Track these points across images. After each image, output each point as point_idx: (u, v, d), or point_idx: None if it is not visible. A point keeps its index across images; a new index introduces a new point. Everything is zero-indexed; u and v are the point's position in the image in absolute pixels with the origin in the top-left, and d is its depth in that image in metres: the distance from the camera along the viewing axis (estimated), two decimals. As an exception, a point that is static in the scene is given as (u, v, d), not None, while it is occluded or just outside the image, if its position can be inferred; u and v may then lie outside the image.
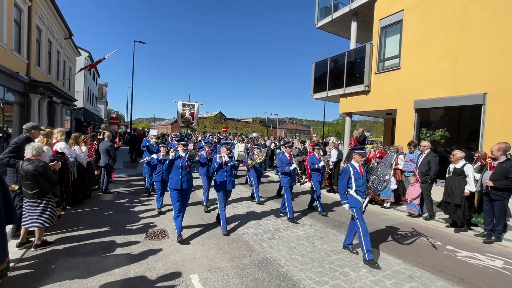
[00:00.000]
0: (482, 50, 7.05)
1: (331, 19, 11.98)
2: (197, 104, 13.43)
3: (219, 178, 4.98)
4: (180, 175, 4.54)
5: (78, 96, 21.46)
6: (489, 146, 5.60)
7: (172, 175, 4.57)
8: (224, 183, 4.99)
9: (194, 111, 13.32)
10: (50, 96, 12.31)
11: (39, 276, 3.28)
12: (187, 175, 4.66)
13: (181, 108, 13.00)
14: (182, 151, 4.70)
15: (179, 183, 4.53)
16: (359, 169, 4.25)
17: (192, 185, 4.84)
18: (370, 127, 44.94)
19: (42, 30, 12.18)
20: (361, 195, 4.17)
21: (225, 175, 4.97)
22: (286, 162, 6.01)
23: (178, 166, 4.57)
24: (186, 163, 4.64)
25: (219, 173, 4.98)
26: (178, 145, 4.77)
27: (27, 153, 3.80)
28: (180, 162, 4.61)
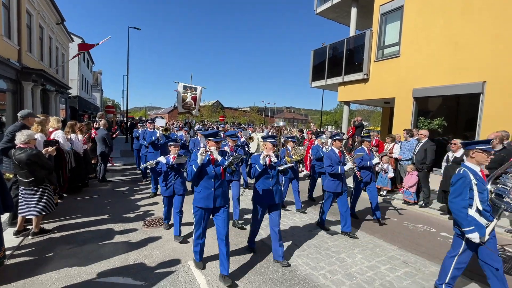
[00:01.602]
0: (482, 38, 6.95)
1: (331, 5, 11.70)
2: (199, 88, 11.68)
3: (261, 186, 3.64)
4: (212, 187, 3.17)
5: (72, 84, 21.05)
6: (486, 135, 5.62)
7: (199, 188, 3.21)
8: (269, 193, 3.61)
9: (196, 95, 11.51)
10: (43, 84, 12.06)
11: (37, 264, 3.29)
12: (222, 187, 3.26)
13: (182, 90, 11.23)
14: (216, 151, 3.16)
15: (211, 199, 3.17)
16: (482, 175, 2.83)
17: (228, 200, 3.36)
18: (367, 116, 44.96)
19: (32, 14, 11.78)
20: (487, 216, 2.67)
21: (271, 182, 3.63)
22: (337, 161, 4.56)
23: (210, 175, 3.18)
24: (221, 170, 3.25)
25: (262, 179, 3.66)
26: (208, 142, 3.25)
27: (18, 141, 3.70)
28: (213, 169, 3.20)
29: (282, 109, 79.90)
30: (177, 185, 4.29)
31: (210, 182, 3.18)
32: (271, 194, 3.63)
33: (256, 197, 3.68)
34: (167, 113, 65.54)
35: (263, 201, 3.63)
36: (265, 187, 3.63)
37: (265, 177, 3.64)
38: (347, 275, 3.36)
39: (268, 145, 3.64)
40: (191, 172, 3.10)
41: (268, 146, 3.64)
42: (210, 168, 3.18)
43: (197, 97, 11.62)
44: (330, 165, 4.55)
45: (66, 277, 3.06)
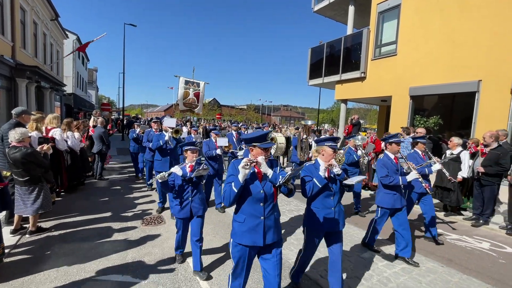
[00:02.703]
0: (478, 37, 7.02)
1: (329, 3, 11.68)
2: (202, 83, 10.58)
3: (319, 207, 2.76)
4: (261, 214, 2.23)
5: (67, 81, 20.79)
6: (481, 133, 5.70)
7: (241, 216, 2.27)
8: (330, 216, 2.75)
9: (199, 91, 10.40)
10: (38, 81, 11.90)
11: (35, 262, 3.27)
12: (274, 213, 2.32)
13: (183, 86, 10.10)
14: (264, 162, 2.20)
15: (260, 232, 2.22)
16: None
17: (280, 234, 2.40)
18: (364, 114, 45.19)
19: (26, 10, 11.58)
20: None
21: (332, 201, 2.78)
22: (394, 169, 3.68)
23: (257, 196, 2.22)
24: (273, 189, 2.29)
25: (321, 198, 2.77)
26: (250, 149, 2.30)
27: (11, 139, 3.62)
28: (261, 188, 2.23)
29: (279, 107, 79.91)
30: (196, 203, 3.20)
31: (258, 207, 2.21)
32: (333, 217, 2.75)
33: (310, 222, 2.80)
34: (163, 111, 65.18)
35: (321, 227, 2.75)
36: (325, 208, 2.76)
37: (325, 195, 2.76)
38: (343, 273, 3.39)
39: (327, 151, 2.74)
40: (230, 194, 2.14)
41: (327, 151, 2.75)
42: (256, 186, 2.22)
43: (200, 94, 10.48)
44: (387, 175, 3.63)
45: (65, 275, 3.05)
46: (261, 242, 2.22)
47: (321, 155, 2.81)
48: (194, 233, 3.24)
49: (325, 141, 2.84)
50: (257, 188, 2.23)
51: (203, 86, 10.68)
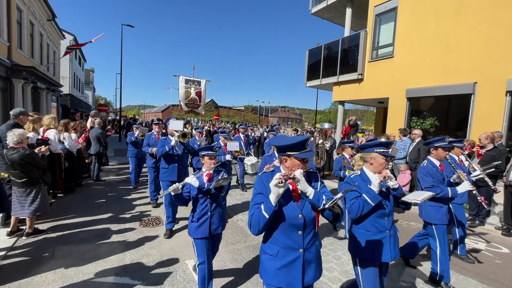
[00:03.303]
0: (473, 39, 7.11)
1: (326, 5, 11.77)
2: (204, 81, 9.86)
3: (370, 230, 2.25)
4: (299, 246, 1.74)
5: (64, 82, 20.67)
6: (477, 135, 5.76)
7: (273, 248, 1.77)
8: (383, 242, 2.22)
9: (201, 90, 9.74)
10: (34, 81, 11.83)
11: (32, 264, 3.25)
12: (315, 243, 1.82)
13: (184, 85, 9.39)
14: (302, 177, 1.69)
15: (299, 270, 1.73)
16: None
17: (321, 269, 1.91)
18: (361, 115, 45.47)
19: (22, 10, 11.51)
20: None
21: (387, 223, 2.25)
22: (440, 178, 3.16)
23: (294, 223, 1.72)
24: (314, 213, 1.78)
25: (372, 219, 2.24)
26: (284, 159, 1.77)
27: (9, 140, 3.61)
28: (299, 211, 1.74)
29: (277, 108, 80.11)
30: (216, 219, 2.74)
31: (295, 236, 1.70)
32: (388, 243, 2.19)
33: (363, 251, 2.23)
34: (160, 112, 64.98)
35: (374, 257, 2.19)
36: (378, 232, 2.21)
37: (378, 215, 2.21)
38: (343, 273, 3.41)
39: (378, 159, 2.22)
40: (260, 221, 1.62)
41: (377, 160, 2.23)
42: (293, 209, 1.71)
43: (202, 92, 9.79)
44: (433, 185, 3.04)
45: (62, 277, 3.03)
46: (299, 284, 1.70)
47: (369, 164, 2.30)
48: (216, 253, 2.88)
49: (375, 147, 2.26)
50: (294, 211, 1.71)
51: (204, 84, 9.92)
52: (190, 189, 2.72)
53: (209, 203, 2.73)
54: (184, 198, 2.72)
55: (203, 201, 2.73)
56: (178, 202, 2.74)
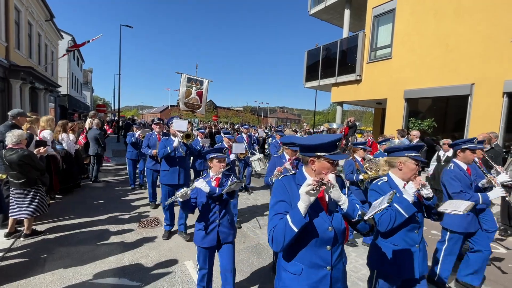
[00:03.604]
0: (471, 41, 7.16)
1: (325, 6, 11.82)
2: (206, 81, 9.49)
3: (399, 244, 2.02)
4: (327, 263, 1.49)
5: (62, 82, 20.60)
6: (474, 135, 5.80)
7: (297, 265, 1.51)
8: (411, 257, 2.01)
9: (202, 90, 9.39)
10: (32, 82, 11.79)
11: (30, 266, 3.24)
12: (342, 260, 1.60)
13: (186, 84, 9.01)
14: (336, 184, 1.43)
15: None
16: None
17: None
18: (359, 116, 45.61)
19: (20, 10, 11.48)
20: None
21: (417, 236, 2.03)
22: (468, 183, 2.89)
23: (323, 237, 1.47)
24: (344, 224, 1.55)
25: (403, 232, 2.01)
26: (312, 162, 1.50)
27: (8, 141, 3.61)
28: (329, 223, 1.49)
29: (276, 109, 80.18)
30: (225, 227, 2.57)
31: (323, 252, 1.47)
32: (417, 258, 1.99)
33: (385, 265, 2.03)
34: (159, 112, 64.87)
35: (399, 273, 2.00)
36: (407, 245, 2.00)
37: (409, 228, 1.98)
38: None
39: (409, 165, 2.00)
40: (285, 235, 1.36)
41: (408, 166, 2.01)
42: (322, 220, 1.47)
43: (203, 93, 9.42)
44: (461, 190, 2.78)
45: (60, 278, 3.02)
46: None
47: (397, 169, 2.06)
48: (225, 265, 2.54)
49: (405, 151, 2.03)
50: (323, 223, 1.47)
51: (206, 84, 9.53)
52: (197, 195, 2.53)
53: (218, 209, 2.54)
54: (191, 205, 2.52)
55: (211, 207, 2.54)
56: (185, 209, 2.51)
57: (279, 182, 1.61)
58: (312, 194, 1.33)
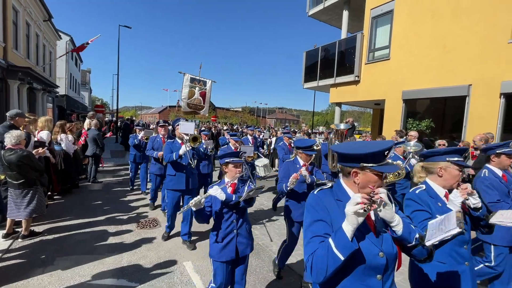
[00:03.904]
0: (469, 42, 7.20)
1: (323, 7, 11.85)
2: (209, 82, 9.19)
3: (446, 262, 1.78)
4: None
5: (60, 83, 20.52)
6: (472, 136, 5.83)
7: None
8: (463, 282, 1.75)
9: (206, 91, 9.11)
10: (30, 82, 11.74)
11: (28, 267, 3.22)
12: None
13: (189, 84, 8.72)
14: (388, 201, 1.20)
15: None
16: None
17: None
18: (358, 117, 45.72)
19: (18, 11, 11.44)
20: None
21: (466, 253, 1.80)
22: (505, 192, 2.62)
23: (372, 264, 1.21)
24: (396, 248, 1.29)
25: (448, 249, 1.75)
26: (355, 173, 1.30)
27: (7, 142, 3.61)
28: (379, 247, 1.24)
29: (274, 110, 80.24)
30: (243, 237, 2.39)
31: (372, 283, 1.24)
32: (466, 278, 1.76)
33: (425, 284, 1.81)
34: (158, 113, 64.77)
35: None
36: (455, 263, 1.76)
37: (456, 243, 1.72)
38: None
39: (451, 171, 1.78)
40: (328, 264, 1.13)
41: (450, 172, 1.77)
42: (371, 246, 1.24)
43: (207, 93, 9.11)
44: (499, 200, 2.53)
45: (59, 280, 3.01)
46: None
47: (437, 176, 1.82)
48: (238, 282, 2.41)
49: (446, 155, 1.80)
50: (372, 247, 1.22)
51: (210, 85, 9.21)
52: (212, 203, 2.35)
53: (235, 218, 2.35)
54: (206, 214, 2.31)
55: (228, 216, 2.35)
56: (199, 219, 2.28)
57: (315, 197, 1.37)
58: (361, 215, 1.11)
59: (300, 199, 3.10)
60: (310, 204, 1.36)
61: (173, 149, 3.94)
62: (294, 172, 2.96)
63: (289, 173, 3.05)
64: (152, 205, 5.55)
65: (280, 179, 3.17)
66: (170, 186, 4.00)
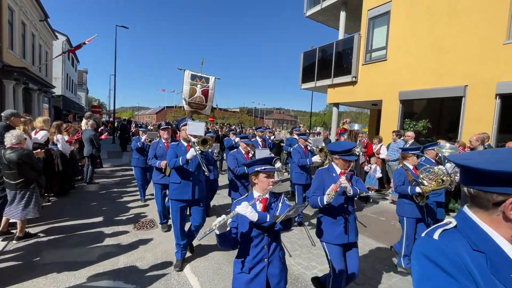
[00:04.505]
0: (465, 43, 7.26)
1: (320, 8, 11.89)
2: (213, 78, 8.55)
3: None
4: None
5: (56, 83, 20.39)
6: (468, 136, 5.88)
7: None
8: None
9: (208, 88, 8.51)
10: (26, 82, 11.65)
11: (23, 269, 3.18)
12: None
13: (189, 81, 8.10)
14: None
15: None
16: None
17: None
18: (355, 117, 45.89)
19: (14, 10, 11.35)
20: None
21: None
22: None
23: None
24: None
25: None
26: None
27: (7, 142, 3.64)
28: None
29: (272, 110, 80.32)
30: (276, 267, 1.94)
31: None
32: None
33: None
34: (155, 113, 64.52)
35: None
36: None
37: None
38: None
39: None
40: None
41: None
42: None
43: (210, 91, 8.54)
44: None
45: (54, 282, 2.97)
46: None
47: None
48: None
49: None
50: None
51: (213, 82, 8.57)
52: (238, 223, 1.92)
53: (266, 243, 1.89)
54: (232, 238, 1.88)
55: (258, 241, 1.88)
56: (223, 244, 1.84)
57: (443, 252, 0.80)
58: None
59: (336, 214, 2.58)
60: (442, 268, 0.77)
61: (178, 152, 3.39)
62: (330, 182, 2.47)
63: (323, 184, 2.59)
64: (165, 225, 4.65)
65: (313, 191, 2.69)
66: (174, 195, 3.43)
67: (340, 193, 2.46)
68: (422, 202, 3.22)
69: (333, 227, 2.57)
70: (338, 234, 2.54)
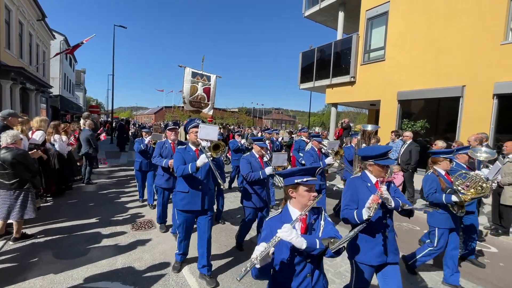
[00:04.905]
0: (463, 43, 7.29)
1: (319, 8, 11.92)
2: (214, 76, 8.38)
3: None
4: None
5: (54, 83, 20.27)
6: (466, 136, 5.90)
7: None
8: None
9: (210, 87, 8.31)
10: (23, 82, 11.58)
11: (20, 270, 3.16)
12: None
13: (190, 79, 7.87)
14: None
15: None
16: None
17: None
18: (354, 118, 45.97)
19: (11, 10, 11.28)
20: None
21: None
22: None
23: None
24: None
25: None
26: None
27: (3, 141, 3.62)
28: None
29: (271, 110, 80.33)
30: None
31: None
32: None
33: None
34: (153, 114, 64.36)
35: None
36: None
37: None
38: (336, 274, 3.43)
39: None
40: None
41: None
42: None
43: (211, 90, 8.35)
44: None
45: (51, 283, 2.95)
46: None
47: None
48: None
49: None
50: None
51: (214, 80, 8.39)
52: (278, 249, 1.61)
53: (309, 271, 1.62)
54: (271, 267, 1.62)
55: (300, 269, 1.61)
56: (262, 276, 1.56)
57: None
58: None
59: (374, 230, 2.18)
60: None
61: (186, 158, 3.02)
62: (365, 194, 2.14)
63: (357, 195, 2.24)
64: (163, 226, 4.55)
65: (345, 203, 2.29)
66: (181, 206, 3.09)
67: None
68: (461, 212, 2.83)
69: (370, 245, 2.19)
70: (376, 254, 2.17)
